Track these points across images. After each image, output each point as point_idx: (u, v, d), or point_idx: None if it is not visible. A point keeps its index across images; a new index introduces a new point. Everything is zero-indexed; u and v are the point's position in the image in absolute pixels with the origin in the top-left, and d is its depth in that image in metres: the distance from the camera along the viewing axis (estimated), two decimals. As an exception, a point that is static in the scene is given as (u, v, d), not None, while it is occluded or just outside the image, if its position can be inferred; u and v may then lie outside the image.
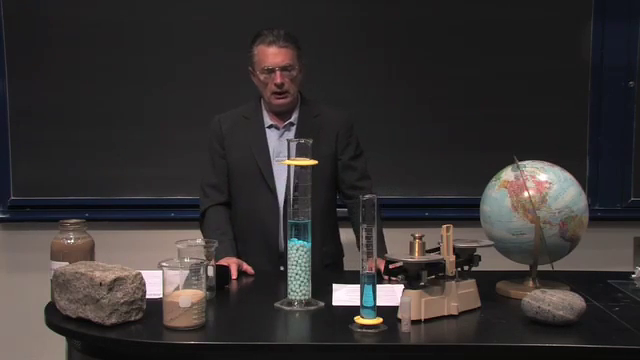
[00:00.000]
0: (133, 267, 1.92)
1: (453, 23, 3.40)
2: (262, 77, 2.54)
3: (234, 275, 2.37)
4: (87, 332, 1.83)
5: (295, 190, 2.06)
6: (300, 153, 2.07)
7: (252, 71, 2.60)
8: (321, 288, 2.16)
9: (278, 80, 2.51)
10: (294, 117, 2.61)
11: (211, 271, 2.10)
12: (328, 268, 2.63)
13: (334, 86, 3.31)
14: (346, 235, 2.76)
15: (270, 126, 2.62)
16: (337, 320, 1.93)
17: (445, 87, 3.41)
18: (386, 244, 2.57)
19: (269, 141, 2.60)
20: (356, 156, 2.67)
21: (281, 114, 2.61)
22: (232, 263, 2.40)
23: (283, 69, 2.51)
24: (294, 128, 2.60)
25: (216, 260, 2.41)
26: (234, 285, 2.33)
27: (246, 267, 2.45)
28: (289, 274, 2.07)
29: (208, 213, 2.62)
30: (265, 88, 2.55)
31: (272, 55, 2.51)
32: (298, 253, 2.06)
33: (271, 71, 2.51)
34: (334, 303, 2.09)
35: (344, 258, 2.78)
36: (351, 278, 2.30)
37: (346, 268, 2.74)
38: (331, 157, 2.61)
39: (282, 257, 2.58)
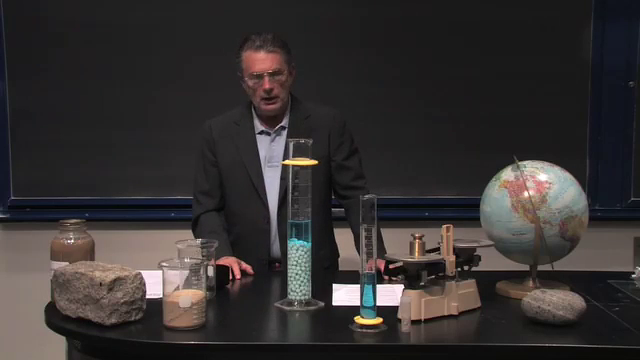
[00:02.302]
0: (133, 267, 1.92)
1: (453, 23, 3.40)
2: (251, 83, 2.51)
3: (237, 275, 2.37)
4: (87, 332, 1.83)
5: (295, 190, 2.06)
6: (299, 153, 2.07)
7: (241, 77, 2.57)
8: (321, 288, 2.16)
9: (267, 86, 2.48)
10: (285, 121, 2.59)
11: (211, 271, 2.10)
12: (327, 271, 2.62)
13: (334, 86, 3.32)
14: (339, 236, 2.76)
15: (261, 132, 2.60)
16: (337, 320, 1.92)
17: (445, 87, 3.41)
18: (386, 244, 2.56)
19: (260, 148, 2.58)
20: (350, 155, 2.64)
21: (272, 118, 2.59)
22: (233, 263, 2.40)
23: (271, 74, 2.48)
24: (285, 132, 2.58)
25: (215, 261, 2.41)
26: (234, 285, 2.33)
27: (245, 266, 2.45)
28: (289, 274, 2.07)
29: (201, 219, 2.61)
30: (254, 94, 2.52)
31: (260, 61, 2.48)
32: (298, 253, 2.06)
33: (259, 77, 2.48)
34: (334, 303, 2.09)
35: (339, 259, 2.78)
36: (351, 278, 2.30)
37: (341, 269, 2.74)
38: (325, 159, 2.57)
39: (272, 264, 2.59)
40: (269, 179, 2.57)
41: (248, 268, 2.45)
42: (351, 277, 2.32)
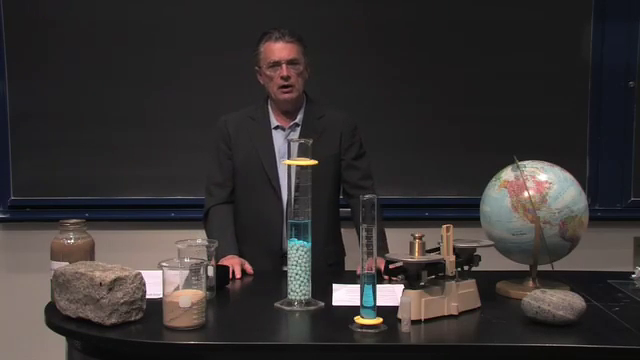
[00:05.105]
0: (133, 267, 1.92)
1: (453, 23, 3.40)
2: (268, 72, 2.56)
3: (238, 275, 2.39)
4: (87, 332, 1.83)
5: (296, 190, 2.06)
6: (300, 153, 2.07)
7: (258, 70, 2.62)
8: (321, 288, 2.16)
9: (284, 73, 2.53)
10: (299, 118, 2.63)
11: (211, 271, 2.10)
12: (331, 267, 2.64)
13: (334, 86, 3.31)
14: (347, 235, 2.76)
15: (276, 127, 2.63)
16: (337, 320, 1.93)
17: (445, 87, 3.41)
18: (387, 244, 2.58)
19: (275, 142, 2.62)
20: (359, 156, 2.68)
21: (287, 114, 2.62)
22: (235, 263, 2.41)
23: (289, 63, 2.54)
24: (299, 129, 2.62)
25: (218, 258, 2.42)
26: (234, 285, 2.33)
27: (247, 266, 2.46)
28: (289, 274, 2.07)
29: (211, 212, 2.64)
30: (271, 83, 2.57)
31: (278, 50, 2.54)
32: (298, 253, 2.06)
33: (277, 64, 2.54)
34: (334, 303, 2.09)
35: (345, 258, 2.78)
36: (351, 278, 2.30)
37: (347, 268, 2.75)
38: (335, 157, 2.64)
39: (285, 258, 2.60)
40: (283, 173, 2.58)
41: (249, 269, 2.46)
42: (351, 277, 2.33)
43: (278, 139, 2.62)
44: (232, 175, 2.65)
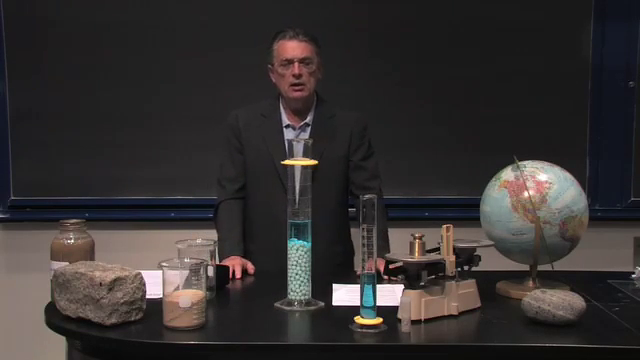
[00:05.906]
0: (133, 267, 1.92)
1: (453, 23, 3.40)
2: (280, 70, 2.56)
3: (238, 275, 2.39)
4: (87, 332, 1.83)
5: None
6: (302, 153, 2.07)
7: (271, 67, 2.62)
8: (321, 288, 2.16)
9: (296, 71, 2.53)
10: (309, 118, 2.63)
11: (211, 271, 2.10)
12: (339, 268, 2.63)
13: (334, 87, 3.30)
14: (357, 235, 2.76)
15: (287, 126, 2.64)
16: (337, 320, 1.93)
17: (445, 87, 3.41)
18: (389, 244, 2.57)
19: (285, 141, 2.61)
20: (367, 156, 2.68)
21: (298, 113, 2.63)
22: (237, 264, 2.42)
23: (301, 61, 2.54)
24: (309, 129, 2.62)
25: (221, 258, 2.42)
26: (234, 285, 2.33)
27: (249, 266, 2.47)
28: (289, 274, 2.07)
29: (221, 207, 2.65)
30: (283, 80, 2.57)
31: (291, 48, 2.55)
32: (298, 253, 2.06)
33: (290, 62, 2.54)
34: (334, 303, 2.09)
35: (355, 258, 2.78)
36: (352, 278, 2.30)
37: (356, 268, 2.74)
38: (344, 158, 2.64)
39: None
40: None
41: (251, 269, 2.47)
42: (351, 277, 2.32)
43: (289, 138, 2.61)
44: (244, 169, 2.66)
